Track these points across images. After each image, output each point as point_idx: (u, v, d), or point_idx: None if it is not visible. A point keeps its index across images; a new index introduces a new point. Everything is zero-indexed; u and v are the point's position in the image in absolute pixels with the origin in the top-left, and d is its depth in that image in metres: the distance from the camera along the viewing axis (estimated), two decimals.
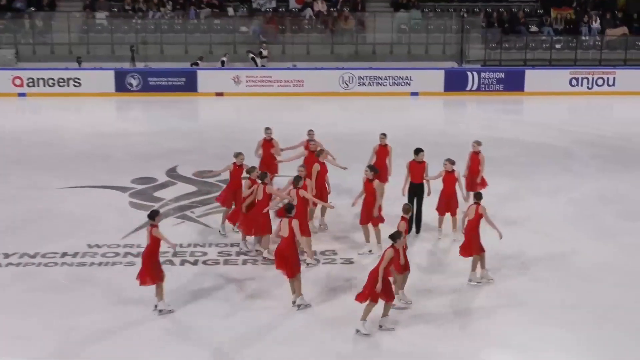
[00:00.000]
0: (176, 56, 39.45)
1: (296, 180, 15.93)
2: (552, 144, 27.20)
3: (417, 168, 17.31)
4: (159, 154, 25.26)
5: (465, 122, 33.13)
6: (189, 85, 36.70)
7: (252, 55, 38.88)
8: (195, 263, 16.07)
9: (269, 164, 19.16)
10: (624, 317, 13.78)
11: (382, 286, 12.78)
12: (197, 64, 38.15)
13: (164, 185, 21.56)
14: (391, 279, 13.27)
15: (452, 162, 17.11)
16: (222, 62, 38.45)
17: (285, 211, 14.22)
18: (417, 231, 17.47)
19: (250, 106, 34.70)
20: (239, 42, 40.41)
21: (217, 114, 34.15)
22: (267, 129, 19.44)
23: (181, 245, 16.76)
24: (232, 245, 16.98)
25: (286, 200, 15.71)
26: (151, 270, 13.76)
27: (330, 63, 39.00)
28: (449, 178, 17.04)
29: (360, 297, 13.06)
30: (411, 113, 34.77)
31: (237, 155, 17.65)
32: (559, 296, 14.62)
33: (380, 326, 13.19)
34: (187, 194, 20.70)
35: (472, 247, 14.95)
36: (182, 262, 16.06)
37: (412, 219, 17.09)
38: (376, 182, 16.28)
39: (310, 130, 19.12)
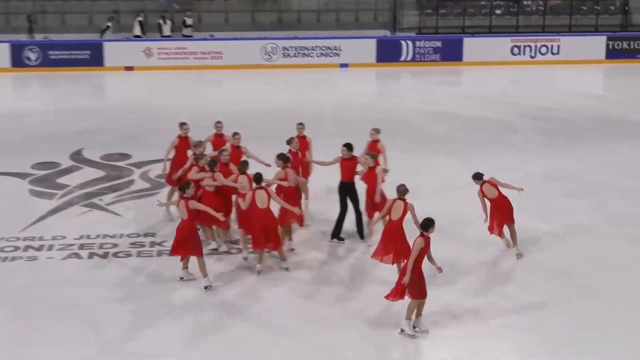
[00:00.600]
0: (80, 26, 38.87)
1: (243, 166, 15.68)
2: (494, 118, 27.56)
3: (347, 165, 16.44)
4: (62, 135, 24.93)
5: (399, 95, 33.34)
6: (95, 58, 36.23)
7: (159, 21, 38.23)
8: (105, 256, 15.83)
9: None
10: (573, 304, 13.99)
11: (411, 280, 12.52)
12: (107, 27, 37.62)
13: (68, 171, 21.27)
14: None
15: (373, 157, 16.34)
16: (140, 23, 37.75)
17: (255, 182, 14.63)
18: (361, 236, 16.61)
19: (164, 81, 34.42)
20: (149, 10, 39.91)
21: (126, 90, 33.80)
22: (183, 124, 17.95)
23: (89, 237, 16.61)
24: (145, 235, 16.83)
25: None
26: (197, 243, 14.21)
27: (251, 33, 38.79)
28: (371, 175, 16.18)
29: (391, 295, 12.85)
30: (341, 86, 34.89)
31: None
32: (501, 284, 14.80)
33: (414, 327, 12.84)
34: (94, 180, 20.45)
35: (506, 217, 15.43)
36: (91, 255, 15.82)
37: (341, 222, 16.60)
38: (284, 172, 15.64)
39: (218, 122, 18.09)
